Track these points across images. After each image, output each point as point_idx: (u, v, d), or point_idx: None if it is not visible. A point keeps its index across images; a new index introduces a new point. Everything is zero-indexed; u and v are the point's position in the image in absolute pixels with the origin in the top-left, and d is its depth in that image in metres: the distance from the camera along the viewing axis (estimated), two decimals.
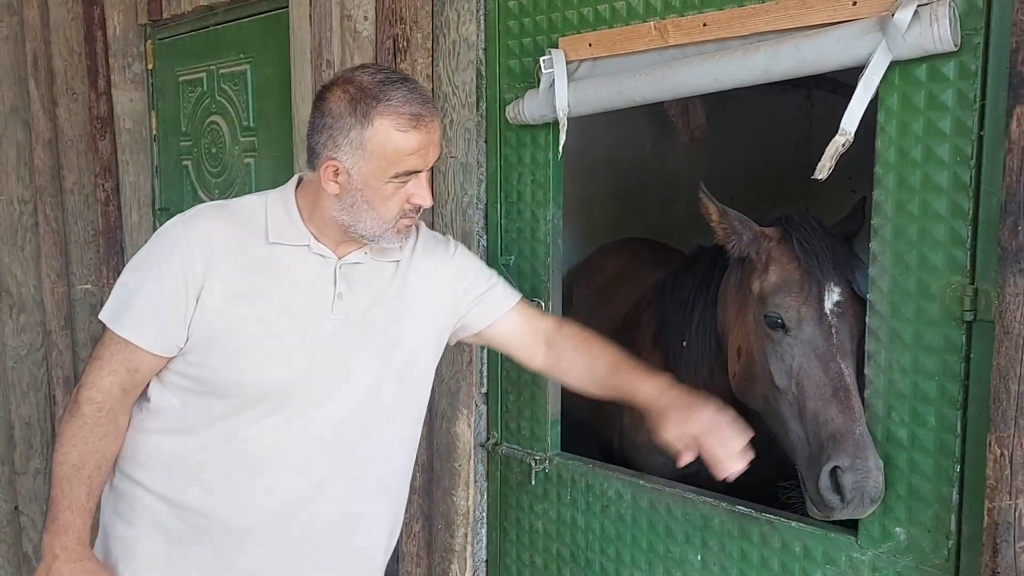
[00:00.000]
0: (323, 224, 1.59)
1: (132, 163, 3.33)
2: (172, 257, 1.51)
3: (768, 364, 1.83)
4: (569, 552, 2.14)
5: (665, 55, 1.83)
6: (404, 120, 1.46)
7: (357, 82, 1.48)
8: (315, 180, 1.56)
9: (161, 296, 1.51)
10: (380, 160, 1.47)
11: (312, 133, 1.53)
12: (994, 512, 1.41)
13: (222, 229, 1.54)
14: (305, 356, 1.57)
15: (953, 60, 1.45)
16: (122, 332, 1.52)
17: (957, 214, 1.47)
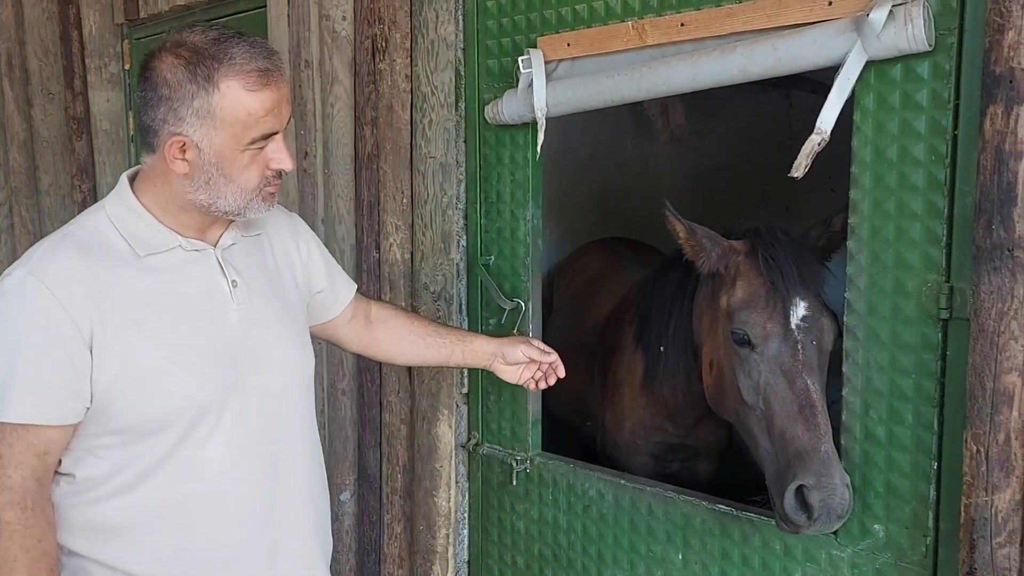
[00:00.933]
0: (181, 213, 1.40)
1: (109, 164, 3.30)
2: (38, 315, 1.29)
3: (736, 380, 1.82)
4: (551, 552, 2.14)
5: (643, 55, 1.83)
6: (253, 78, 1.31)
7: (189, 44, 1.31)
8: (156, 165, 1.37)
9: (45, 361, 1.30)
10: (233, 127, 1.31)
11: (145, 109, 1.33)
12: (971, 508, 1.42)
13: (81, 263, 1.33)
14: (224, 356, 1.44)
15: (927, 60, 1.46)
16: (17, 417, 1.29)
17: (933, 213, 1.48)
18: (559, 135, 3.27)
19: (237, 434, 1.46)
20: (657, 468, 2.44)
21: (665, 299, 2.25)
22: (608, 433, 2.53)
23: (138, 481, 1.40)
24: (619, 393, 2.50)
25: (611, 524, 2.01)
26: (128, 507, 1.40)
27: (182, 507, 1.42)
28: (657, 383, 2.28)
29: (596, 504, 2.04)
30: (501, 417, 2.22)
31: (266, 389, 1.50)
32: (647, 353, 2.33)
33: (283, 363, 1.54)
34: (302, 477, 1.59)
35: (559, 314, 3.13)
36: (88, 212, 1.45)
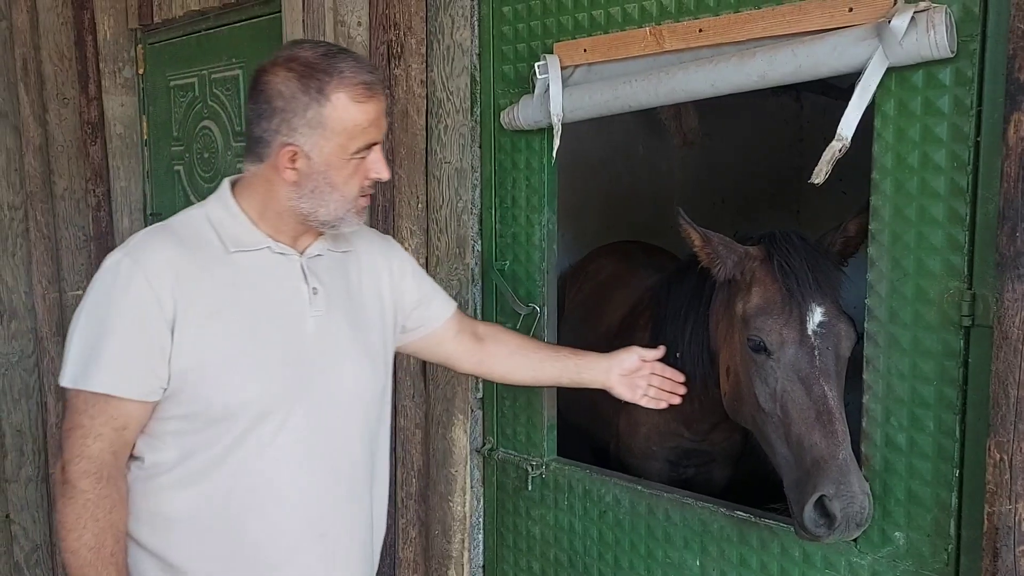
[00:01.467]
0: (278, 220, 1.49)
1: (123, 168, 3.31)
2: (131, 293, 1.37)
3: (753, 386, 1.81)
4: (567, 558, 2.14)
5: (661, 60, 1.83)
6: (360, 91, 1.41)
7: (301, 59, 1.41)
8: (262, 173, 1.46)
9: (131, 336, 1.37)
10: (341, 136, 1.41)
11: (257, 120, 1.42)
12: (994, 517, 1.41)
13: (175, 251, 1.42)
14: (295, 359, 1.49)
15: (950, 66, 1.46)
16: (98, 387, 1.37)
17: (954, 220, 1.48)
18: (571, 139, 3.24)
19: (301, 439, 1.49)
20: (672, 474, 2.44)
21: (680, 305, 2.24)
22: (622, 439, 2.52)
23: (201, 473, 1.45)
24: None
25: (628, 530, 2.01)
26: (190, 498, 1.45)
27: (241, 504, 1.47)
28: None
29: (612, 510, 2.03)
30: (516, 422, 2.22)
31: (332, 399, 1.54)
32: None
33: (352, 376, 1.57)
34: (359, 494, 1.61)
35: (571, 318, 3.13)
36: (188, 209, 1.54)
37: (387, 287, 1.70)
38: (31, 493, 3.42)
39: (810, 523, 1.58)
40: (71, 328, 1.43)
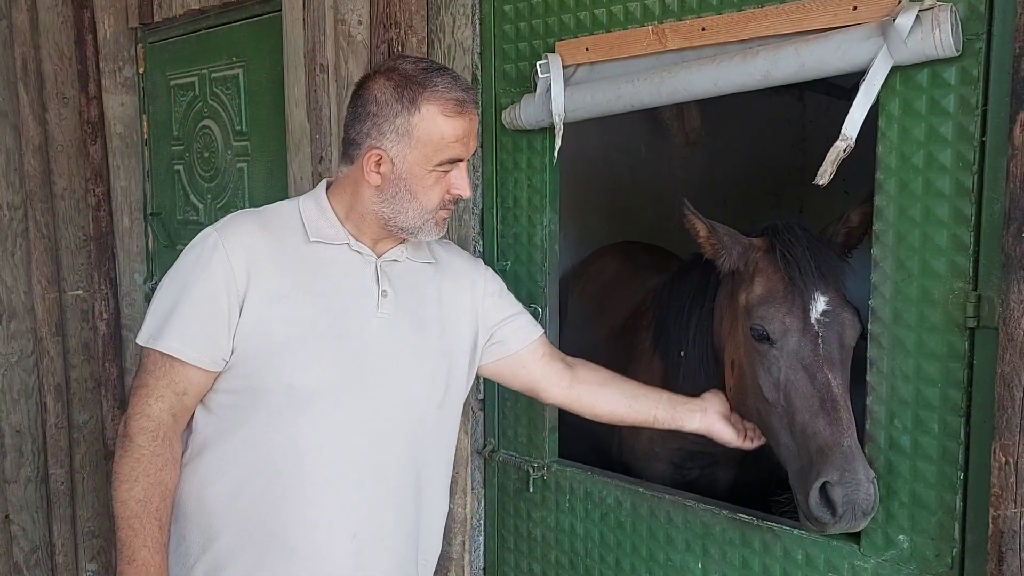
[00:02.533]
0: (361, 221, 1.56)
1: (123, 168, 3.30)
2: (211, 266, 1.46)
3: (757, 377, 1.81)
4: (568, 560, 2.13)
5: (663, 59, 1.81)
6: (450, 106, 1.46)
7: (401, 70, 1.48)
8: (351, 175, 1.54)
9: (204, 306, 1.45)
10: (426, 147, 1.47)
11: (352, 123, 1.51)
12: (999, 520, 1.40)
13: (258, 233, 1.51)
14: (352, 356, 1.52)
15: (955, 65, 1.44)
16: (165, 348, 1.45)
17: (959, 220, 1.46)
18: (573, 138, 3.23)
19: (344, 434, 1.52)
20: (676, 476, 2.42)
21: (683, 303, 2.23)
22: (625, 441, 2.51)
23: (245, 450, 1.50)
24: None
25: (629, 532, 1.99)
26: (232, 477, 1.50)
27: (279, 490, 1.50)
28: (676, 389, 2.25)
29: (614, 512, 2.02)
30: (518, 424, 2.20)
31: (383, 402, 1.56)
32: (665, 359, 2.31)
33: (406, 383, 1.59)
34: (401, 504, 1.61)
35: (573, 319, 3.12)
36: (285, 201, 1.64)
37: (469, 303, 1.73)
38: (30, 494, 3.41)
39: (816, 509, 1.57)
40: (158, 288, 1.52)
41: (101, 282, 3.29)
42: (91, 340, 3.35)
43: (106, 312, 3.30)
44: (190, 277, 1.47)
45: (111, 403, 3.33)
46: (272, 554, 1.51)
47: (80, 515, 3.42)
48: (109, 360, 3.33)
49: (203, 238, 1.51)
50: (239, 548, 1.51)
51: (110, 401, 3.33)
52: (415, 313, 1.62)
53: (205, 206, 3.10)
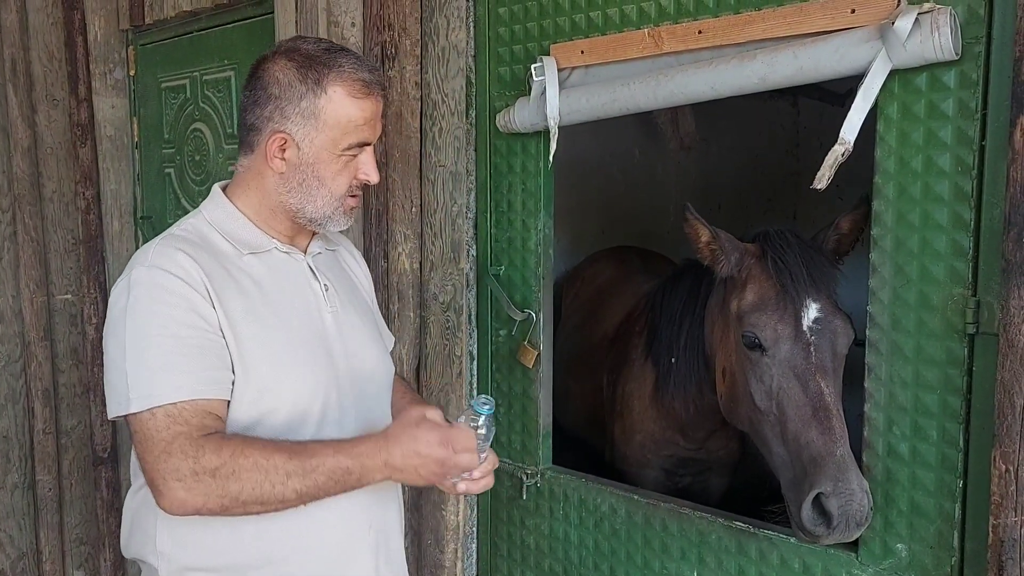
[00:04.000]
0: (271, 217, 1.46)
1: (113, 171, 3.26)
2: (170, 297, 1.31)
3: (748, 385, 1.79)
4: (562, 568, 2.10)
5: (659, 63, 1.80)
6: (357, 87, 1.40)
7: (303, 51, 1.41)
8: (252, 165, 1.44)
9: (187, 337, 1.30)
10: (334, 130, 1.39)
11: (251, 108, 1.41)
12: (999, 529, 1.38)
13: (195, 255, 1.36)
14: (324, 355, 1.47)
15: (954, 69, 1.43)
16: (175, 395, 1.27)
17: (958, 225, 1.45)
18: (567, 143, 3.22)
19: (342, 432, 1.45)
20: (668, 483, 2.41)
21: (675, 310, 2.21)
22: (617, 447, 2.49)
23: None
24: (628, 406, 2.46)
25: (624, 540, 1.97)
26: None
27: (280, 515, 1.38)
28: (668, 395, 2.24)
29: (608, 519, 2.00)
30: (511, 430, 2.18)
31: (362, 391, 1.52)
32: (657, 365, 2.29)
33: (374, 367, 1.56)
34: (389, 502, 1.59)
35: (567, 323, 3.10)
36: (184, 218, 1.49)
37: (368, 285, 1.73)
38: (17, 500, 3.37)
39: (808, 522, 1.55)
40: (110, 352, 1.32)
41: (90, 286, 3.25)
42: (80, 345, 3.31)
43: (95, 316, 3.26)
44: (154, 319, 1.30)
45: (99, 408, 3.29)
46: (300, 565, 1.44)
47: (68, 522, 3.37)
48: (98, 365, 3.28)
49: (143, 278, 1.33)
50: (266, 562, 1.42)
51: (99, 406, 3.29)
52: (351, 297, 1.59)
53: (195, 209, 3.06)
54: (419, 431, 1.32)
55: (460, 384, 2.23)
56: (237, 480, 1.25)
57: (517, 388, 2.16)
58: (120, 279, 1.38)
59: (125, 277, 1.36)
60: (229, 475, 1.25)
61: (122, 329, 1.31)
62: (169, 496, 1.25)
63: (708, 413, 2.19)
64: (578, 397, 2.83)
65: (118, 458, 3.38)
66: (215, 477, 1.25)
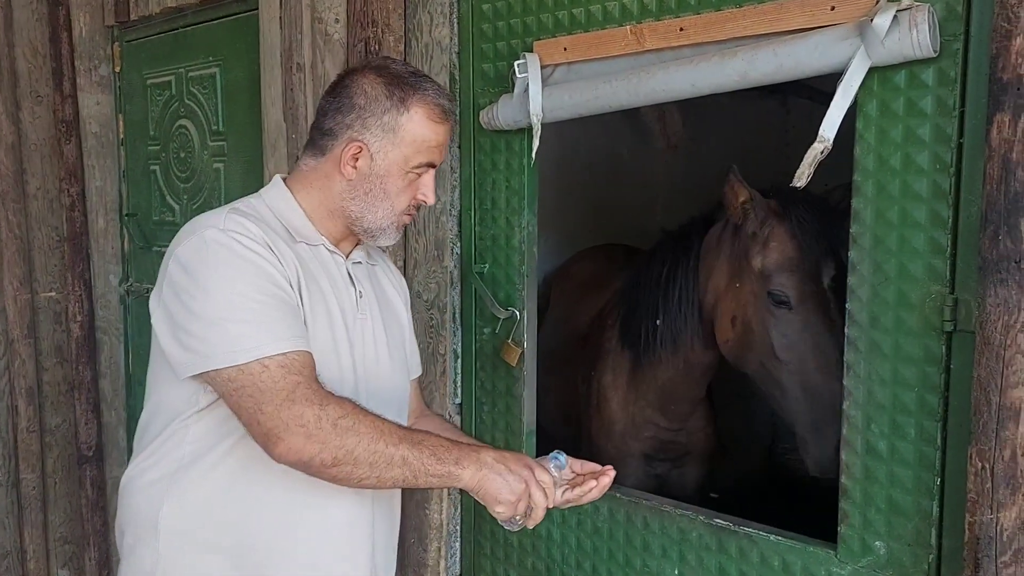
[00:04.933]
0: (328, 219, 1.51)
1: (99, 168, 3.25)
2: (255, 258, 1.34)
3: (769, 337, 1.93)
4: (545, 566, 2.10)
5: (641, 60, 1.79)
6: (437, 112, 1.47)
7: (391, 70, 1.48)
8: (321, 167, 1.49)
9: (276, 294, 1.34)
10: (409, 147, 1.45)
11: (332, 114, 1.47)
12: (975, 526, 1.38)
13: (259, 228, 1.40)
14: (349, 355, 1.49)
15: (932, 66, 1.43)
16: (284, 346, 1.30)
17: (937, 223, 1.45)
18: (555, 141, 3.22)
19: None
20: (648, 470, 2.43)
21: (653, 279, 2.32)
22: (594, 441, 2.50)
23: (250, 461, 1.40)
24: (605, 398, 2.49)
25: (606, 538, 1.97)
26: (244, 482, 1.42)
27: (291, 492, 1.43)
28: (651, 366, 2.33)
29: (590, 517, 2.00)
30: (495, 428, 2.18)
31: (376, 398, 1.52)
32: (636, 348, 2.38)
33: (384, 384, 1.58)
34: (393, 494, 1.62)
35: (549, 319, 3.10)
36: (244, 198, 1.53)
37: (404, 310, 1.73)
38: (1, 498, 3.35)
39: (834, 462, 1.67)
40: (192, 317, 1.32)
41: (75, 284, 3.24)
42: (64, 343, 3.29)
43: (80, 314, 3.25)
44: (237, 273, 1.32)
45: (84, 407, 3.28)
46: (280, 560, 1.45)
47: (52, 521, 3.35)
48: (83, 363, 3.27)
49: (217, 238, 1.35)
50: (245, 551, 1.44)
51: (83, 405, 3.28)
52: (380, 314, 1.61)
53: (181, 207, 3.05)
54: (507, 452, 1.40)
55: (444, 382, 2.22)
56: (355, 435, 1.28)
57: (501, 386, 2.15)
58: (184, 241, 1.38)
59: (194, 236, 1.37)
60: (348, 428, 1.28)
61: (206, 284, 1.32)
62: (288, 441, 1.26)
63: (695, 375, 2.32)
64: (553, 392, 2.84)
65: (103, 456, 3.37)
66: (335, 428, 1.27)
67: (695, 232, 2.25)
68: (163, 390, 1.45)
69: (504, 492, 1.33)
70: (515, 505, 1.34)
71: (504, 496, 1.33)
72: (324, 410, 1.28)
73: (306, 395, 1.29)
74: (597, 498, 1.47)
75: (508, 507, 1.34)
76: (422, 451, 1.31)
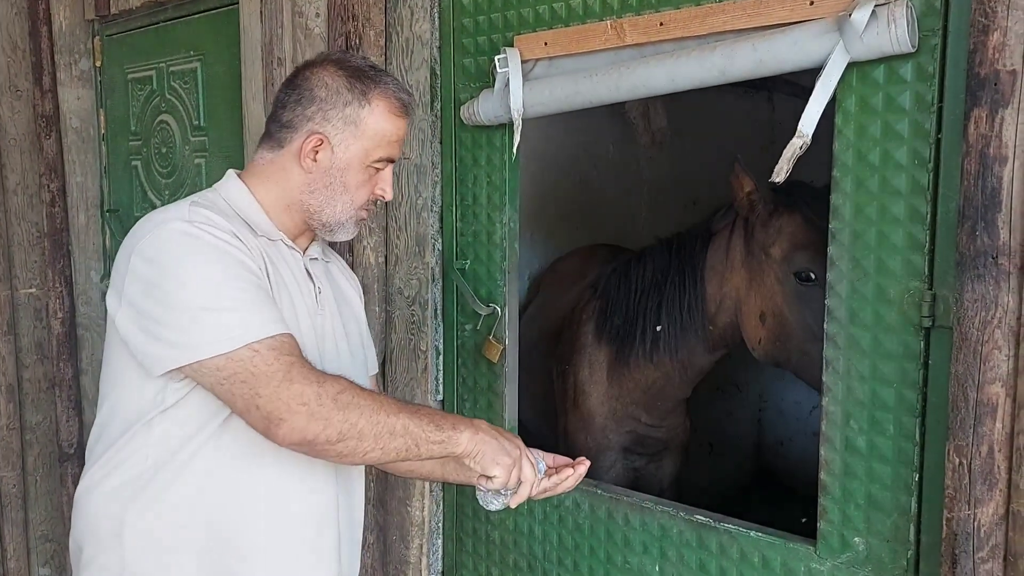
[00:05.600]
0: (284, 214, 1.48)
1: (79, 163, 3.22)
2: (226, 247, 1.32)
3: (805, 318, 1.99)
4: (526, 563, 2.09)
5: (622, 55, 1.79)
6: (397, 105, 1.46)
7: (352, 64, 1.47)
8: (278, 161, 1.46)
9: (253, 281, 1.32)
10: (369, 141, 1.44)
11: (292, 106, 1.44)
12: (952, 522, 1.38)
13: (222, 220, 1.37)
14: (311, 353, 1.45)
15: (911, 61, 1.43)
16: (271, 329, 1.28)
17: (915, 218, 1.45)
18: (540, 138, 3.21)
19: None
20: (626, 464, 2.44)
21: (648, 284, 2.36)
22: (571, 436, 2.50)
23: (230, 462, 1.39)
24: (584, 392, 2.49)
25: (587, 535, 1.96)
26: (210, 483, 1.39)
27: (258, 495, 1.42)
28: (638, 368, 2.38)
29: (572, 514, 1.99)
30: None
31: None
32: (615, 344, 2.41)
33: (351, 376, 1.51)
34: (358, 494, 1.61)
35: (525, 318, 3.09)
36: (201, 193, 1.49)
37: (359, 305, 1.71)
38: None
39: None
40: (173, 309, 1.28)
41: (55, 280, 3.20)
42: (45, 339, 3.26)
43: (61, 311, 3.22)
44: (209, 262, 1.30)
45: (65, 404, 3.25)
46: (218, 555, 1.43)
47: (32, 519, 3.32)
48: (64, 360, 3.24)
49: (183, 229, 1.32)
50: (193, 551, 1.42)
51: (64, 402, 3.25)
52: (338, 311, 1.59)
53: (163, 202, 3.02)
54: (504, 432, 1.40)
55: (425, 379, 2.21)
56: (357, 408, 1.26)
57: (482, 383, 2.14)
58: (145, 236, 1.33)
59: (158, 230, 1.32)
60: (349, 403, 1.26)
61: (179, 275, 1.29)
62: (291, 422, 1.24)
63: (689, 377, 2.39)
64: (527, 387, 2.83)
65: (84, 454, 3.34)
66: (336, 403, 1.25)
67: (698, 240, 2.30)
68: (123, 393, 1.40)
69: (500, 454, 1.34)
70: (510, 470, 1.34)
71: (501, 458, 1.33)
72: (323, 387, 1.26)
73: (303, 374, 1.27)
74: (572, 487, 1.49)
75: (504, 471, 1.34)
76: (421, 419, 1.31)
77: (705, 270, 2.26)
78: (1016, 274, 1.31)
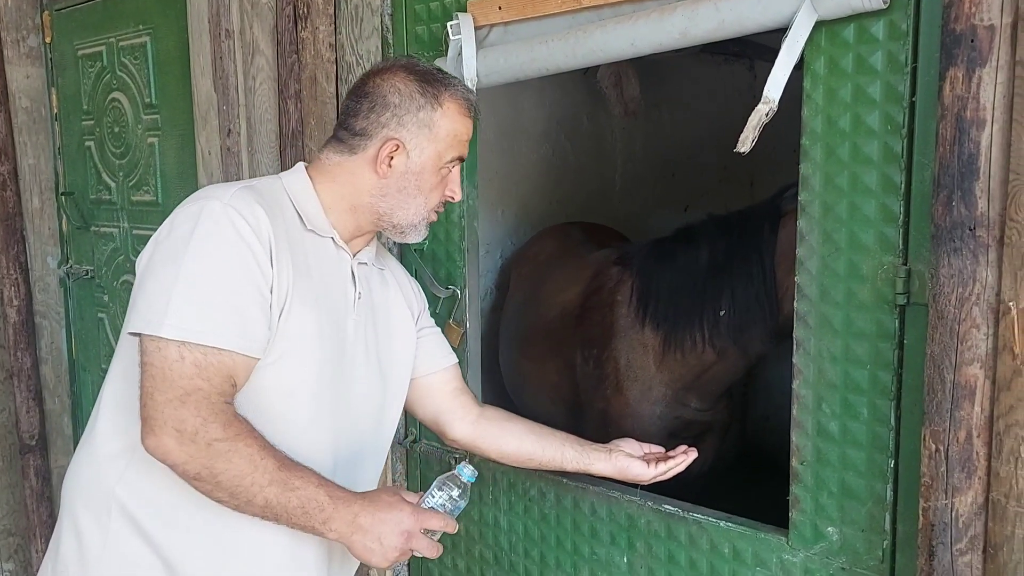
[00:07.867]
0: (346, 214, 1.47)
1: (31, 144, 3.10)
2: (239, 241, 1.28)
3: None
4: (492, 555, 2.01)
5: (580, 18, 1.68)
6: (466, 106, 1.47)
7: (420, 68, 1.47)
8: (349, 165, 1.45)
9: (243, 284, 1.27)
10: (443, 143, 1.45)
11: (366, 113, 1.44)
12: (929, 512, 1.30)
13: (268, 213, 1.34)
14: (336, 355, 1.43)
15: (882, 19, 1.32)
16: (213, 339, 1.23)
17: (889, 188, 1.35)
18: (511, 110, 3.10)
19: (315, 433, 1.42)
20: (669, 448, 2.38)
21: (701, 266, 2.21)
22: (614, 422, 2.38)
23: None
24: (629, 378, 2.38)
25: (553, 526, 1.88)
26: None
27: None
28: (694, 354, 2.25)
29: (538, 504, 1.91)
30: None
31: (349, 406, 1.48)
32: (672, 326, 2.28)
33: (364, 386, 1.52)
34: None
35: (513, 302, 2.99)
36: (263, 178, 1.49)
37: (409, 315, 1.65)
38: None
39: None
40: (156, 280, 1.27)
41: (10, 266, 3.09)
42: (0, 328, 3.15)
43: (16, 298, 3.11)
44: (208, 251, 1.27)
45: (25, 395, 3.15)
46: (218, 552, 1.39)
47: None
48: (21, 349, 3.14)
49: (219, 211, 1.29)
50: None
51: (23, 392, 3.15)
52: (375, 318, 1.54)
53: (117, 184, 2.91)
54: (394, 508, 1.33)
55: None
56: (227, 462, 1.24)
57: None
58: (186, 205, 1.34)
59: (194, 204, 1.32)
60: (221, 453, 1.23)
61: (182, 253, 1.27)
62: (159, 438, 1.22)
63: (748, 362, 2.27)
64: (536, 377, 2.73)
65: (47, 445, 3.25)
66: (208, 447, 1.23)
67: (766, 222, 2.10)
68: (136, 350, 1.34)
69: (375, 558, 1.31)
70: (388, 556, 1.32)
71: (375, 561, 1.32)
72: (205, 426, 1.22)
73: (198, 404, 1.23)
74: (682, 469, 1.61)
75: (380, 559, 1.32)
76: (290, 499, 1.27)
77: (776, 255, 2.07)
78: (995, 247, 1.22)
